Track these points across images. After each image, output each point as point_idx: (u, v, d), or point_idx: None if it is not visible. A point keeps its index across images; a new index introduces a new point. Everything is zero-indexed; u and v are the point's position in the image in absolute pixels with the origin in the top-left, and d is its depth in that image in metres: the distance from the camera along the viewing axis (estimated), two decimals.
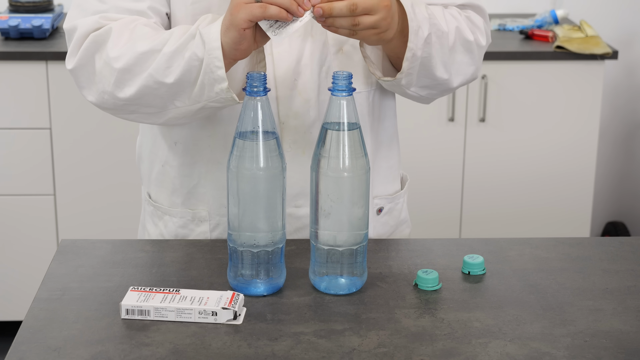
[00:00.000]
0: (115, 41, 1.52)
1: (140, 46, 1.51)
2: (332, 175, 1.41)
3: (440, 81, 1.62)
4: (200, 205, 1.70)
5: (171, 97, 1.52)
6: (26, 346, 1.32)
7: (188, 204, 1.71)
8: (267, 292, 1.46)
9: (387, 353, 1.31)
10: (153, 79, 1.50)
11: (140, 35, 1.52)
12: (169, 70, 1.49)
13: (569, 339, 1.35)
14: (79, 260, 1.58)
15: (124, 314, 1.38)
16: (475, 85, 3.25)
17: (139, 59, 1.51)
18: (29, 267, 3.26)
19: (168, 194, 1.72)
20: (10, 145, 3.20)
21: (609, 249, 1.65)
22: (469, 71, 1.65)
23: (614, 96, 3.83)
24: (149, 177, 1.76)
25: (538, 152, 3.33)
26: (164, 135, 1.71)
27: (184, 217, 1.71)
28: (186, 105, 1.53)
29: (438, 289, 1.49)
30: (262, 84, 1.40)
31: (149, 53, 1.50)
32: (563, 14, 3.55)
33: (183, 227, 1.72)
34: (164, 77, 1.50)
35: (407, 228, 1.85)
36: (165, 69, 1.50)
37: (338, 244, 1.44)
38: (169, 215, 1.73)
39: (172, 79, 1.50)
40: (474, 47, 1.64)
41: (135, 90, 1.52)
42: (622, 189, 3.93)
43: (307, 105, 1.62)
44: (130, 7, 1.56)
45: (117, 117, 1.63)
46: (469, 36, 1.62)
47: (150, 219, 1.77)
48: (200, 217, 1.70)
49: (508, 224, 3.38)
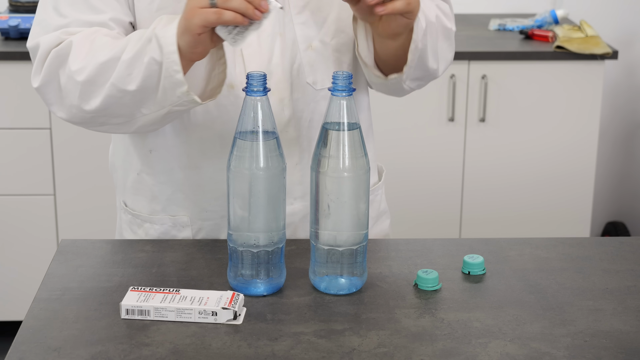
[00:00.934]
0: (76, 54, 1.51)
1: (100, 56, 1.49)
2: (333, 175, 1.41)
3: (430, 71, 1.63)
4: (180, 211, 1.69)
5: (137, 104, 1.51)
6: (26, 346, 1.32)
7: (169, 210, 1.69)
8: (267, 292, 1.46)
9: (387, 353, 1.31)
10: (116, 88, 1.49)
11: (100, 46, 1.51)
12: (130, 77, 1.47)
13: (569, 339, 1.35)
14: (79, 260, 1.58)
15: (123, 314, 1.38)
16: (475, 85, 3.25)
17: (100, 70, 1.49)
18: (29, 267, 3.26)
19: (147, 201, 1.71)
20: (10, 145, 3.20)
21: (609, 249, 1.65)
22: (449, 57, 1.67)
23: (614, 96, 3.83)
24: (124, 185, 1.74)
25: (538, 152, 3.33)
26: (137, 144, 1.69)
27: (165, 224, 1.70)
28: (152, 111, 1.51)
29: (438, 289, 1.49)
30: (262, 84, 1.40)
31: (109, 62, 1.49)
32: (563, 14, 3.55)
33: (165, 234, 1.70)
34: (127, 84, 1.48)
35: (387, 219, 1.85)
36: (127, 77, 1.47)
37: (338, 244, 1.44)
38: (149, 223, 1.71)
39: (134, 86, 1.48)
40: (452, 33, 1.66)
41: (101, 101, 1.50)
42: (622, 189, 3.93)
43: (281, 104, 1.62)
44: (91, 20, 1.55)
45: (90, 130, 1.62)
46: (447, 23, 1.63)
47: (128, 227, 1.75)
48: (181, 222, 1.69)
49: (508, 224, 3.38)
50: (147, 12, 1.57)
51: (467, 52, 3.23)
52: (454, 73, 3.23)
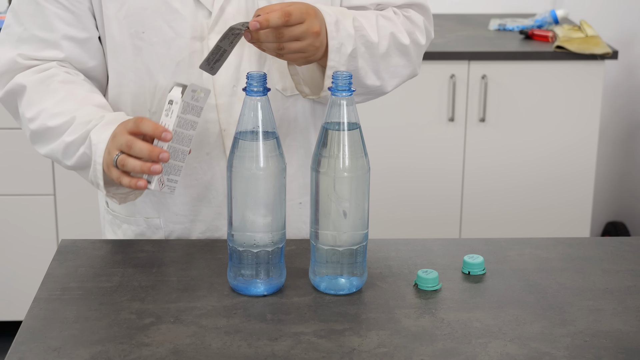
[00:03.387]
0: (30, 101, 1.61)
1: (50, 121, 1.59)
2: (333, 175, 1.41)
3: (372, 88, 1.66)
4: (154, 213, 1.72)
5: (71, 169, 1.64)
6: (26, 346, 1.32)
7: (143, 212, 1.73)
8: (267, 292, 1.46)
9: (387, 353, 1.31)
10: (54, 154, 1.62)
11: (52, 103, 1.59)
12: (67, 155, 1.60)
13: (569, 339, 1.35)
14: (79, 260, 1.58)
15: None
16: (475, 85, 3.25)
17: (47, 132, 1.61)
18: (29, 267, 3.26)
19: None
20: (10, 145, 3.20)
21: (609, 249, 1.65)
22: (405, 73, 1.69)
23: (614, 96, 3.83)
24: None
25: (538, 152, 3.33)
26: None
27: (140, 225, 1.73)
28: (87, 177, 1.61)
29: (438, 289, 1.49)
30: (262, 84, 1.40)
31: (55, 131, 1.60)
32: (563, 14, 3.55)
33: (141, 235, 1.74)
34: (64, 159, 1.62)
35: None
36: (64, 154, 1.60)
37: (338, 244, 1.44)
38: (127, 224, 1.74)
39: (70, 162, 1.61)
40: (410, 49, 1.67)
41: (45, 152, 1.64)
42: (622, 189, 3.93)
43: None
44: (45, 38, 1.62)
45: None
46: (404, 40, 1.66)
47: (109, 227, 1.79)
48: (155, 224, 1.72)
49: (508, 224, 3.38)
50: (116, 20, 1.61)
51: (467, 52, 3.23)
52: (454, 73, 3.23)
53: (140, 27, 1.59)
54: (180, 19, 1.59)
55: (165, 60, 1.60)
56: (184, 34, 1.59)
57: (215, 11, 1.59)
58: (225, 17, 1.59)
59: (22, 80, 1.61)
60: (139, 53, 1.61)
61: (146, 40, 1.60)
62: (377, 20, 1.63)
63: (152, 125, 1.44)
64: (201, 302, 1.44)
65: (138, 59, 1.61)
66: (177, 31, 1.59)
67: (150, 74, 1.61)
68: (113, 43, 1.62)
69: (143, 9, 1.58)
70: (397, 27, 1.65)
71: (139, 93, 1.63)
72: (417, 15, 1.71)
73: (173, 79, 1.60)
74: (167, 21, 1.59)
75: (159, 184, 1.47)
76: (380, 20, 1.64)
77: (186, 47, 1.60)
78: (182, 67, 1.60)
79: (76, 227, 3.27)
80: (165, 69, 1.60)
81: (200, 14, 1.59)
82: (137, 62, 1.61)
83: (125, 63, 1.62)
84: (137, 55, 1.61)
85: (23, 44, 1.62)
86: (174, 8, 1.58)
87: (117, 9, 1.60)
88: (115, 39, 1.62)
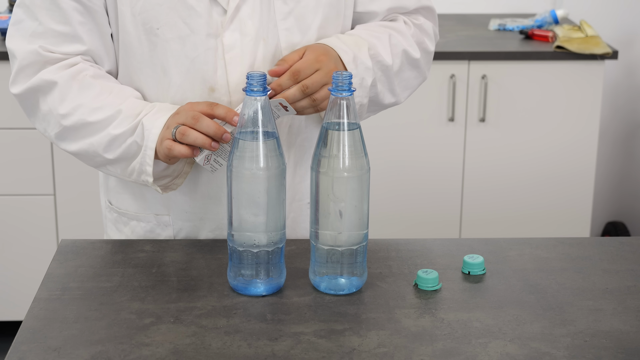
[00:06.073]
0: (63, 96, 1.59)
1: (90, 115, 1.58)
2: (333, 175, 1.41)
3: (389, 105, 1.72)
4: (163, 210, 1.71)
5: (106, 164, 1.62)
6: (26, 346, 1.32)
7: (154, 209, 1.72)
8: (267, 292, 1.46)
9: (387, 353, 1.31)
10: (94, 148, 1.59)
11: (90, 98, 1.58)
12: (110, 148, 1.59)
13: (569, 339, 1.35)
14: (79, 260, 1.58)
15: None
16: (475, 85, 3.25)
17: (87, 127, 1.59)
18: (29, 267, 3.26)
19: (133, 199, 1.74)
20: (10, 145, 3.20)
21: (609, 249, 1.65)
22: (416, 83, 1.75)
23: (614, 96, 3.83)
24: (107, 185, 1.78)
25: (538, 152, 3.33)
26: None
27: (150, 222, 1.73)
28: (118, 174, 1.62)
29: (438, 289, 1.49)
30: (262, 84, 1.40)
31: (97, 125, 1.58)
32: (563, 14, 3.55)
33: (151, 232, 1.73)
34: (105, 152, 1.59)
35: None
36: (107, 147, 1.59)
37: (338, 244, 1.44)
38: (136, 221, 1.74)
39: (111, 156, 1.59)
40: (421, 61, 1.72)
41: (75, 149, 1.61)
42: (622, 189, 3.93)
43: None
44: (62, 31, 1.60)
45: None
46: (415, 54, 1.71)
47: (113, 226, 1.78)
48: (164, 222, 1.72)
49: (508, 224, 3.38)
50: (131, 16, 1.60)
51: (467, 52, 3.23)
52: (454, 73, 3.23)
53: (155, 23, 1.58)
54: (196, 16, 1.58)
55: (179, 57, 1.60)
56: (199, 31, 1.59)
57: (230, 9, 1.58)
58: (241, 15, 1.59)
59: (50, 77, 1.59)
60: (153, 49, 1.60)
61: (161, 37, 1.59)
62: (390, 39, 1.67)
63: (226, 108, 1.51)
64: (201, 302, 1.44)
65: (152, 55, 1.61)
66: (192, 28, 1.58)
67: (165, 71, 1.61)
68: (127, 39, 1.61)
69: (158, 5, 1.58)
70: (408, 41, 1.70)
71: (153, 89, 1.63)
72: (427, 23, 1.75)
73: (187, 76, 1.60)
74: (182, 17, 1.58)
75: (205, 160, 1.52)
76: (393, 39, 1.67)
77: (201, 44, 1.59)
78: (197, 63, 1.60)
79: (76, 227, 3.27)
80: (179, 65, 1.60)
81: (215, 11, 1.59)
82: (153, 58, 1.61)
83: (139, 59, 1.62)
84: (151, 52, 1.60)
85: (39, 38, 1.59)
86: (189, 5, 1.57)
87: (132, 4, 1.59)
88: (129, 35, 1.60)
